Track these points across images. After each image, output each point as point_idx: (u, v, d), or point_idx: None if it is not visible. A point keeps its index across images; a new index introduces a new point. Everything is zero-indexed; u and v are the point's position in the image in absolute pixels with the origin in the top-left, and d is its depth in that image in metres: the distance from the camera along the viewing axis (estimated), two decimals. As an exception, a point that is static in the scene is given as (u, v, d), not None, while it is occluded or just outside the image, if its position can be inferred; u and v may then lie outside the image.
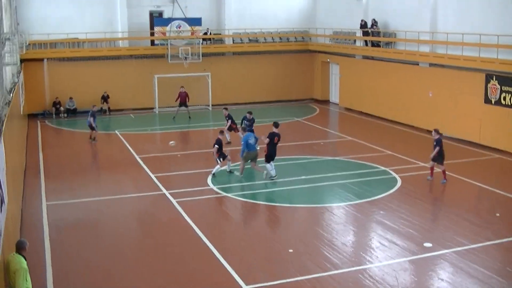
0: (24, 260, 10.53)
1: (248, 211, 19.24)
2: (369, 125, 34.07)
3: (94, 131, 29.53)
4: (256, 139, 22.86)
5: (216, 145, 22.60)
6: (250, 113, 27.32)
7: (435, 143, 21.68)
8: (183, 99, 35.55)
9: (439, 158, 21.71)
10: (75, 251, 15.65)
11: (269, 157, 22.18)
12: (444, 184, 21.51)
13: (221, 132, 24.11)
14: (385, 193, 20.35)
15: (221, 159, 22.73)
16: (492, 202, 19.79)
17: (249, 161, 22.64)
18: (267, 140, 22.17)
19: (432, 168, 22.12)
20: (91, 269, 14.55)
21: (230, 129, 28.19)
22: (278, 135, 22.47)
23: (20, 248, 10.77)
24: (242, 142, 22.45)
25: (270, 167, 22.10)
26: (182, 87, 35.93)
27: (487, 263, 14.45)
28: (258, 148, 23.37)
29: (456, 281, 13.49)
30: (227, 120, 28.24)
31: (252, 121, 27.05)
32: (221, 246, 15.69)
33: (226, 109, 28.97)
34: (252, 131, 24.60)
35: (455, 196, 20.50)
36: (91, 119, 29.08)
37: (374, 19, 36.36)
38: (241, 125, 26.20)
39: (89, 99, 37.50)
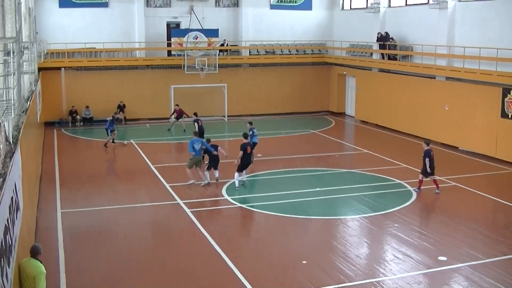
0: (41, 264, 10.67)
1: (263, 222, 19.19)
2: (384, 138, 33.97)
3: (108, 137, 30.45)
4: (216, 148, 23.46)
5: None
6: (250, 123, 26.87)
7: (423, 155, 21.73)
8: (178, 115, 35.18)
9: (425, 171, 21.77)
10: (89, 259, 15.67)
11: (241, 167, 22.84)
12: (438, 194, 21.71)
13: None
14: (399, 206, 20.25)
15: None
16: (507, 217, 19.63)
17: (194, 166, 23.24)
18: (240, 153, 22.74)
19: (420, 181, 22.14)
20: (104, 278, 14.56)
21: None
22: (249, 144, 23.30)
23: (36, 253, 10.87)
24: (188, 146, 23.22)
25: (237, 176, 22.71)
26: (176, 105, 35.73)
27: (502, 277, 14.32)
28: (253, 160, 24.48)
29: (471, 295, 13.39)
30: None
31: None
32: (235, 256, 15.66)
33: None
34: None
35: (470, 210, 20.35)
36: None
37: (386, 32, 36.39)
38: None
39: (105, 108, 37.72)
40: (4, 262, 8.86)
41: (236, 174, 22.73)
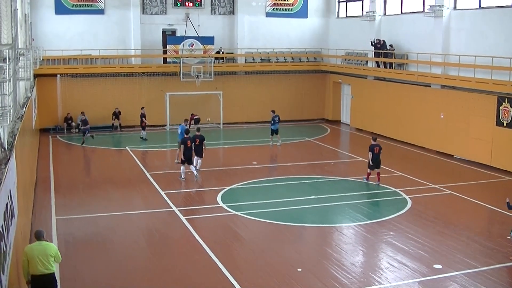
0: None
1: (257, 230, 19.16)
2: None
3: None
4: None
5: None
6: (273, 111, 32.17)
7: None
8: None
9: (371, 164, 24.17)
10: (84, 267, 15.63)
11: (183, 160, 24.83)
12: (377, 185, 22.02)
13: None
14: (395, 214, 20.26)
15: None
16: (502, 225, 19.61)
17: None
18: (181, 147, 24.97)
19: (368, 173, 24.53)
20: (99, 285, 14.53)
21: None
22: (189, 139, 24.96)
23: (43, 236, 12.07)
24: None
25: (183, 169, 24.92)
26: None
27: (497, 286, 14.34)
28: None
29: (466, 303, 13.38)
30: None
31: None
32: (230, 264, 15.64)
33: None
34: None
35: (465, 218, 20.37)
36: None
37: (383, 40, 36.52)
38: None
39: (101, 115, 37.78)
40: (-1, 269, 8.83)
41: (182, 167, 24.92)
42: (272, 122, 32.24)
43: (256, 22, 42.54)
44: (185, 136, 25.09)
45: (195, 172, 24.96)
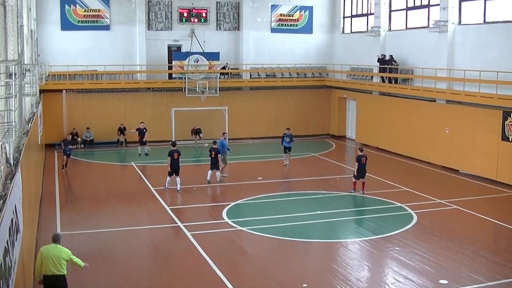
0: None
1: (263, 245, 19.12)
2: (385, 161, 33.97)
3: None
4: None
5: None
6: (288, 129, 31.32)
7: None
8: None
9: (355, 174, 25.26)
10: (89, 281, 15.61)
11: (170, 172, 25.82)
12: (363, 195, 21.45)
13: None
14: (400, 229, 20.20)
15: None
16: (509, 240, 19.58)
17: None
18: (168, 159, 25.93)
19: (354, 183, 25.33)
20: (104, 300, 14.51)
21: None
22: (176, 151, 25.82)
23: (58, 240, 13.01)
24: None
25: (168, 180, 25.94)
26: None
27: (504, 301, 14.26)
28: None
29: (473, 319, 13.31)
30: None
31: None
32: (235, 279, 15.61)
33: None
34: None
35: (471, 233, 20.29)
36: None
37: (390, 55, 36.60)
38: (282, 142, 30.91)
39: (106, 130, 37.89)
40: (4, 284, 8.82)
41: (168, 178, 25.90)
42: (288, 139, 31.12)
43: (261, 37, 42.70)
44: (173, 148, 26.14)
45: (179, 186, 25.69)
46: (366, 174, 25.59)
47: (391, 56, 36.52)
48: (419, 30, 34.87)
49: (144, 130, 34.17)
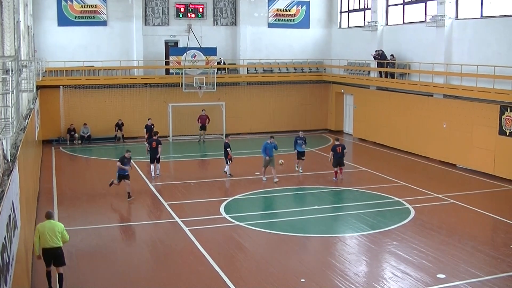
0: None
1: (261, 240, 19.13)
2: (382, 156, 33.99)
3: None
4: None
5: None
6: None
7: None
8: (203, 121, 37.11)
9: (333, 163, 26.74)
10: (87, 278, 15.62)
11: (151, 159, 27.80)
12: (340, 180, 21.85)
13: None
14: (398, 224, 20.23)
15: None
16: (506, 234, 19.59)
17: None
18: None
19: (335, 172, 26.92)
20: (102, 296, 14.52)
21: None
22: (155, 141, 27.57)
23: (51, 216, 14.54)
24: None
25: (152, 167, 27.73)
26: (203, 110, 37.04)
27: (502, 295, 14.28)
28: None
29: (470, 313, 13.32)
30: None
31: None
32: (233, 275, 15.62)
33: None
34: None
35: (469, 227, 20.32)
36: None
37: (377, 51, 36.66)
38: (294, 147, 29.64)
39: (104, 126, 37.88)
40: (2, 280, 8.82)
41: (151, 165, 27.73)
42: (301, 142, 29.36)
43: (259, 33, 42.65)
44: (153, 137, 28.06)
45: (158, 171, 27.90)
46: (345, 162, 27.44)
47: (381, 51, 36.56)
48: (416, 24, 34.84)
49: (152, 126, 34.11)
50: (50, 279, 14.33)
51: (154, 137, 28.00)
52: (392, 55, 36.16)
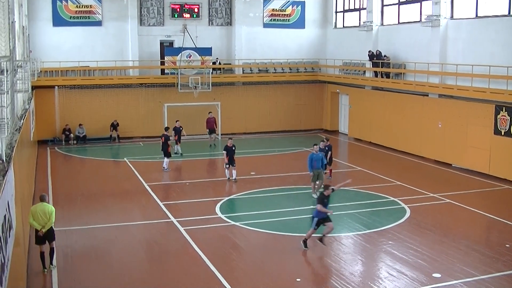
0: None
1: (256, 240, 19.12)
2: (378, 155, 34.03)
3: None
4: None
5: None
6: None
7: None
8: (211, 125, 36.73)
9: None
10: (82, 279, 15.59)
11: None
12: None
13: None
14: (394, 223, 20.25)
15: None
16: (502, 233, 19.65)
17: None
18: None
19: (330, 170, 26.99)
20: (97, 296, 14.49)
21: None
22: (163, 136, 28.99)
23: (44, 199, 16.00)
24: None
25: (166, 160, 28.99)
26: (210, 112, 36.90)
27: (497, 294, 14.30)
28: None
29: (466, 312, 13.34)
30: None
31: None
32: (229, 275, 15.60)
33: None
34: None
35: (464, 227, 20.35)
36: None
37: (378, 51, 36.68)
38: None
39: (99, 126, 37.85)
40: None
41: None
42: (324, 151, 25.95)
43: (254, 33, 42.66)
44: (164, 132, 29.80)
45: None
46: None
47: (378, 51, 36.60)
48: (411, 24, 34.89)
49: (181, 129, 33.32)
50: (44, 260, 15.77)
51: (164, 132, 29.79)
52: (385, 55, 36.21)
